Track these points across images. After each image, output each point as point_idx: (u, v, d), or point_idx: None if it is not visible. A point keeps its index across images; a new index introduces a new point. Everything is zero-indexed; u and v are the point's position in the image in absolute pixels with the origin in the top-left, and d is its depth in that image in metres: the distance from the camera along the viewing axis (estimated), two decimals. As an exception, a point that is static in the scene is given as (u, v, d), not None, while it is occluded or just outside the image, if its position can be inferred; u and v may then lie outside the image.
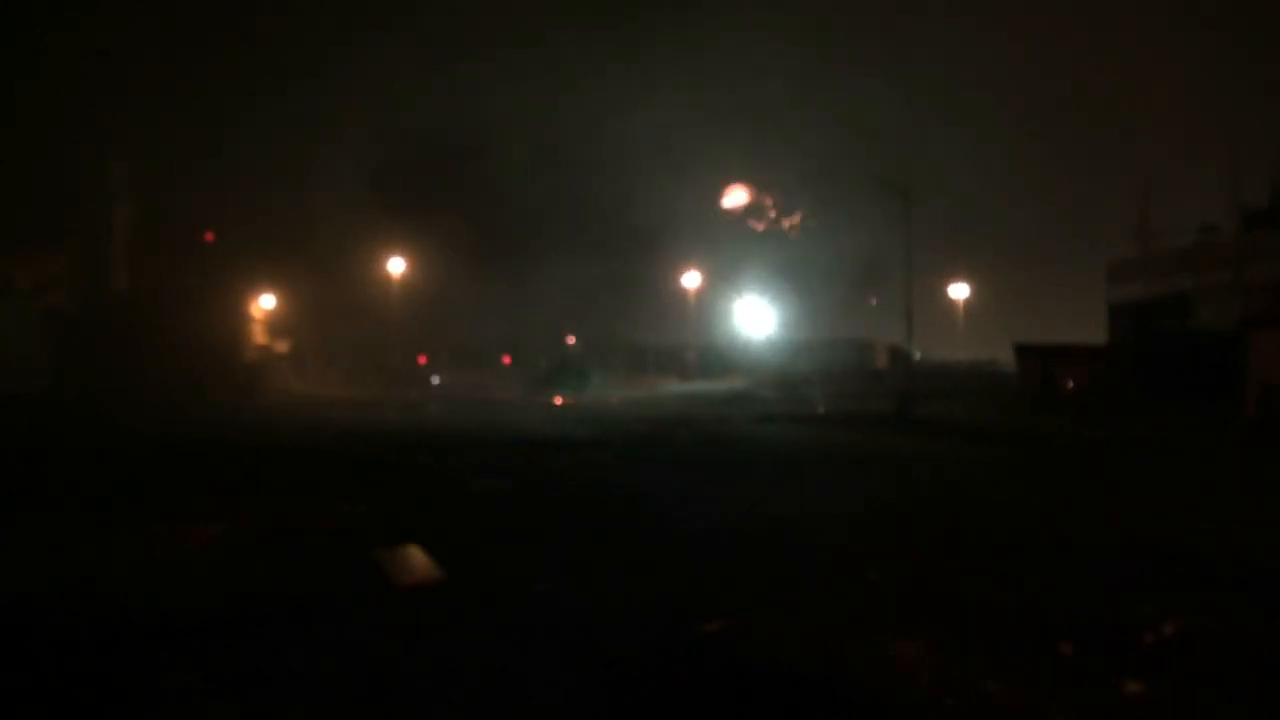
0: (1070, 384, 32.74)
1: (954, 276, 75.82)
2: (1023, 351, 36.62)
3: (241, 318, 51.96)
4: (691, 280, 71.68)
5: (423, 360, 67.80)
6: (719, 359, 68.33)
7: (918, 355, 52.34)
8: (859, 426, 24.96)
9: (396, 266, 63.34)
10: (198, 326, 46.28)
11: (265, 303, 56.52)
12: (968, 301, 76.13)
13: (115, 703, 4.97)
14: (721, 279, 64.22)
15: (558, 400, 38.51)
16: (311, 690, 5.17)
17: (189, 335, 45.32)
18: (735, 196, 61.58)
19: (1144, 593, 7.19)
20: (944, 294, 75.67)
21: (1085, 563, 8.25)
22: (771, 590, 7.28)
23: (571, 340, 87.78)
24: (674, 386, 59.46)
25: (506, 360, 79.87)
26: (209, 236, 53.27)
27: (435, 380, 59.63)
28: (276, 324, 58.02)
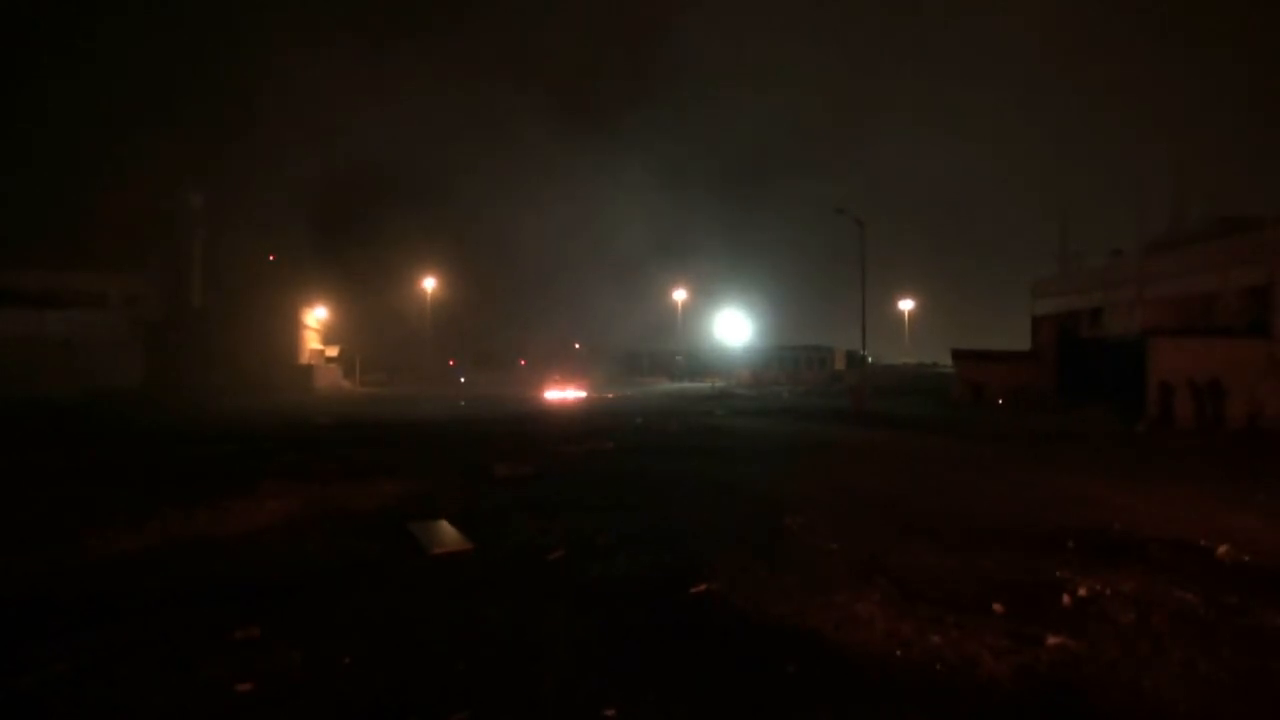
0: (999, 384, 32.84)
1: (901, 292, 76.43)
2: (959, 356, 36.70)
3: (298, 327, 51.93)
4: (679, 295, 71.79)
5: (452, 363, 67.70)
6: (702, 362, 68.51)
7: (870, 359, 52.31)
8: (820, 419, 24.99)
9: (429, 284, 63.42)
10: (261, 334, 46.41)
11: (319, 314, 56.50)
12: (912, 313, 76.69)
13: (194, 653, 4.95)
14: (704, 293, 64.24)
15: (561, 397, 38.46)
16: (360, 640, 5.16)
17: (254, 342, 45.49)
18: None
19: (1063, 559, 7.21)
20: (893, 306, 76.15)
21: (1013, 533, 8.26)
22: (750, 558, 7.28)
23: (578, 346, 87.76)
24: (664, 385, 59.51)
25: (522, 362, 79.77)
26: (271, 257, 53.27)
27: (462, 380, 59.54)
28: (328, 332, 58.03)
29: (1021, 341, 38.85)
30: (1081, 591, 6.18)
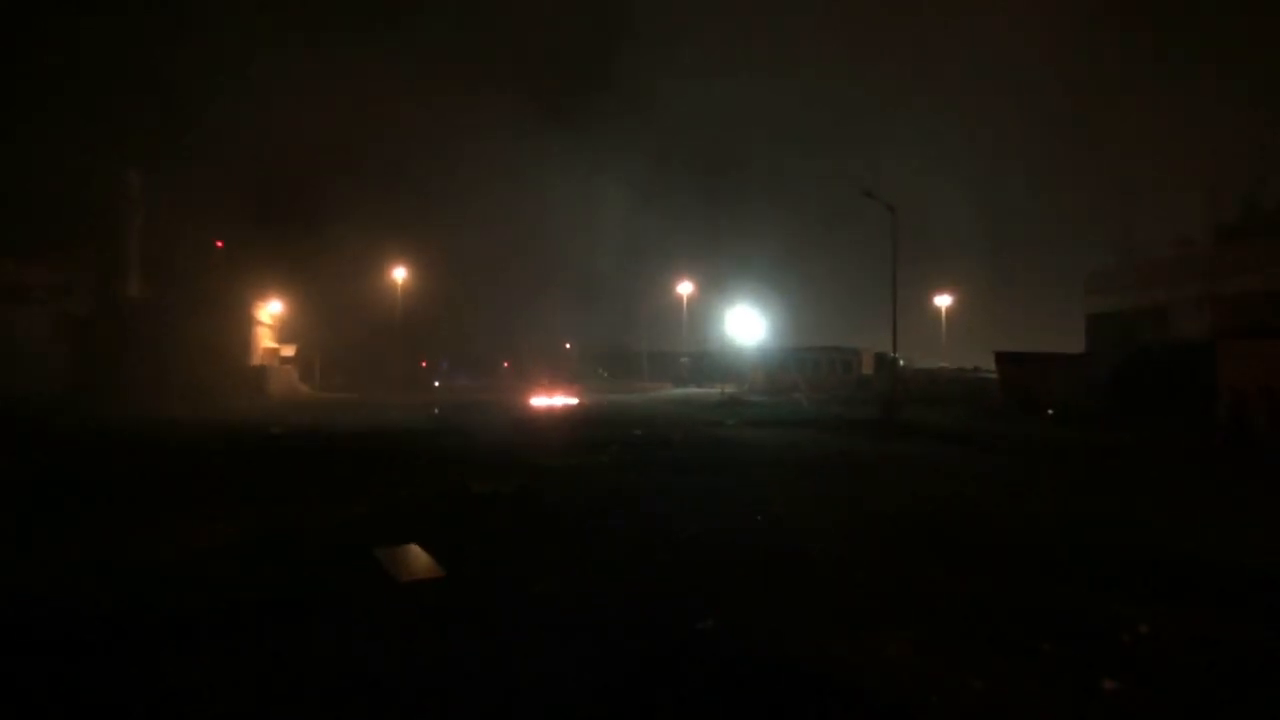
0: (1049, 391, 32.81)
1: (938, 287, 76.17)
2: (1004, 360, 36.66)
3: (249, 323, 51.93)
4: (684, 289, 71.75)
5: (425, 365, 67.73)
6: (711, 365, 68.43)
7: (902, 362, 52.36)
8: (845, 431, 24.96)
9: (400, 275, 63.36)
10: (207, 331, 46.30)
11: (273, 308, 56.44)
12: (950, 310, 76.36)
13: (128, 697, 4.92)
14: (714, 288, 64.26)
15: (550, 404, 38.48)
16: (312, 685, 5.13)
17: (199, 340, 45.38)
18: None
19: (1121, 593, 7.18)
20: (928, 303, 75.92)
21: (1066, 563, 8.24)
22: (764, 589, 7.25)
23: (569, 346, 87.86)
24: (668, 391, 59.50)
25: (506, 365, 79.77)
26: (219, 244, 53.19)
27: (436, 384, 59.53)
28: (284, 329, 57.98)
29: (1074, 344, 38.94)
30: (1142, 628, 6.16)
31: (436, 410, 35.65)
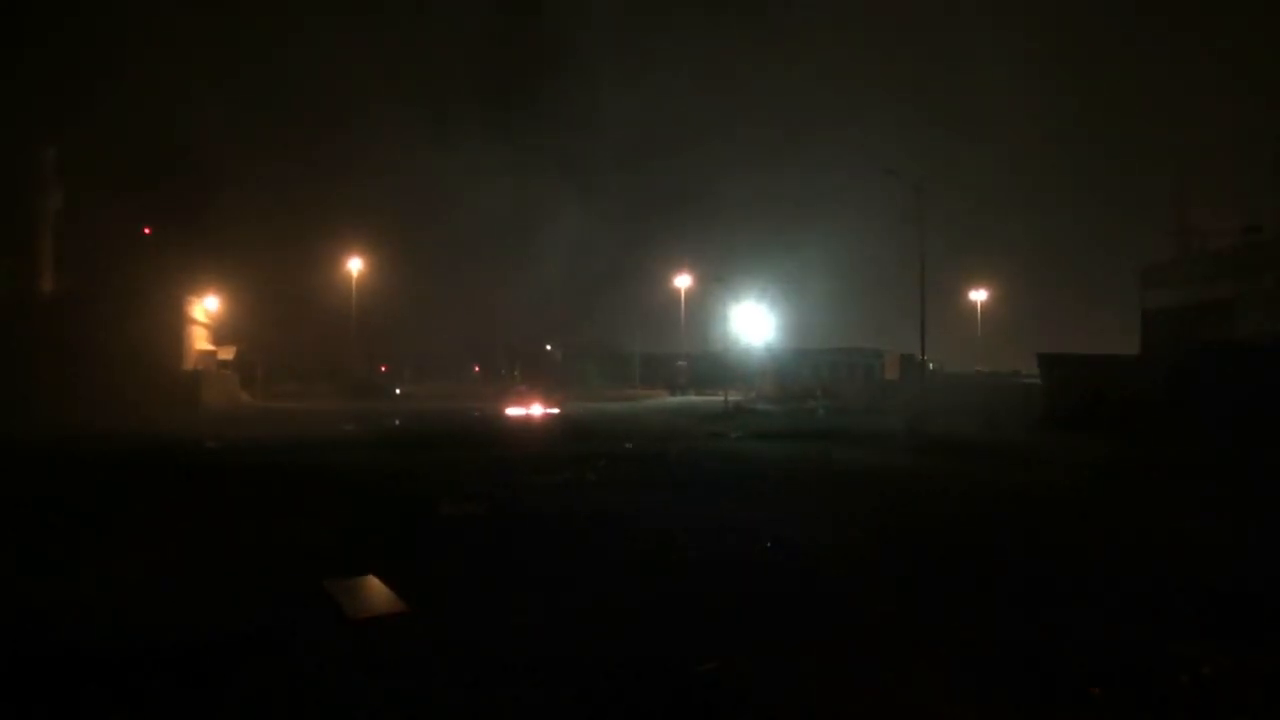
0: (1101, 399, 32.84)
1: (973, 281, 76.14)
2: (1048, 363, 36.66)
3: (181, 321, 51.65)
4: (682, 282, 71.77)
5: (384, 369, 67.65)
6: (713, 369, 68.32)
7: (931, 366, 52.47)
8: (867, 445, 24.97)
9: (355, 266, 63.21)
10: (133, 331, 45.93)
11: (209, 305, 56.22)
12: (986, 306, 76.32)
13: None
14: (716, 281, 64.21)
15: (527, 413, 38.52)
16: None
17: (123, 339, 44.98)
18: None
19: (1180, 626, 7.18)
20: (962, 298, 75.95)
21: (1116, 593, 8.23)
22: (776, 627, 7.22)
23: (549, 348, 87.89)
24: (664, 399, 59.55)
25: (477, 369, 79.77)
26: (147, 230, 52.98)
27: (398, 391, 59.47)
28: (222, 329, 57.73)
29: (1128, 344, 39.05)
30: (1205, 670, 6.15)
31: (398, 421, 35.60)
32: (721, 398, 53.22)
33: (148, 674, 6.07)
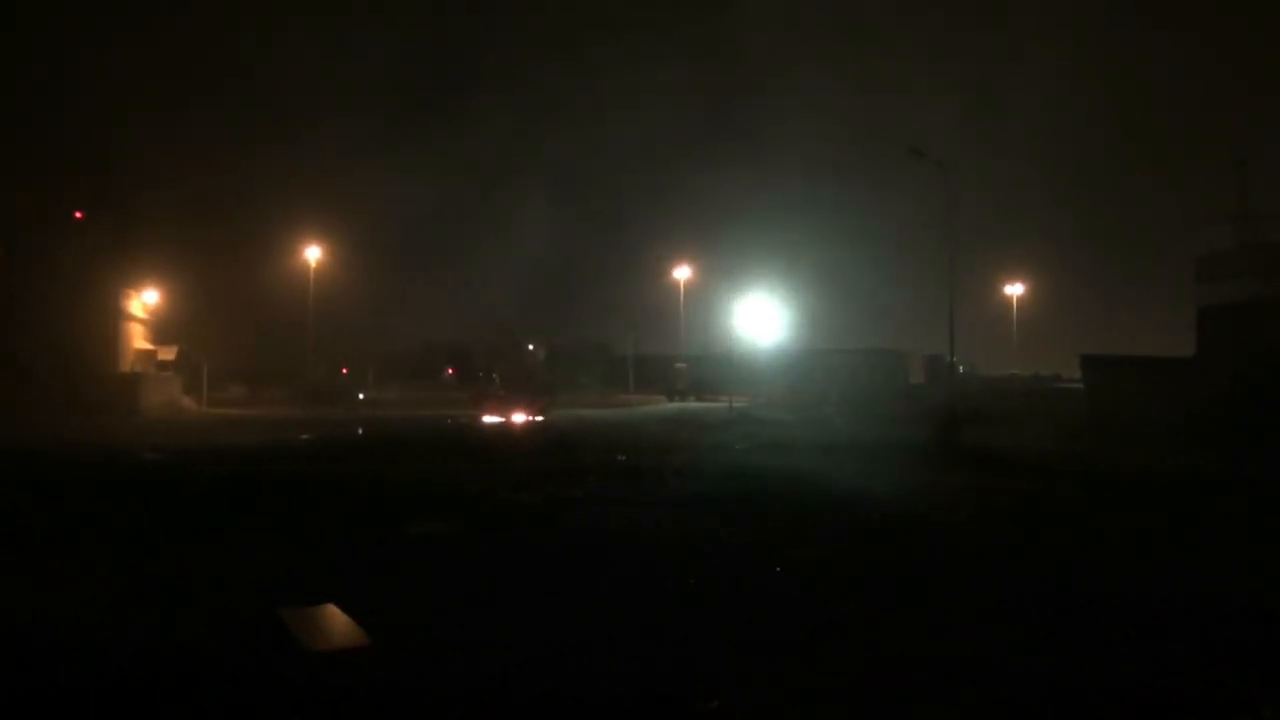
0: (1151, 405, 32.84)
1: (1008, 276, 76.00)
2: (1092, 365, 36.64)
3: (117, 317, 51.51)
4: (681, 274, 71.71)
5: (345, 372, 67.63)
6: (716, 372, 68.24)
7: (961, 368, 52.56)
8: (889, 458, 24.94)
9: (313, 256, 63.11)
10: (60, 327, 45.73)
11: (148, 299, 56.07)
12: (1023, 303, 76.21)
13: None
14: (720, 274, 64.31)
15: (505, 421, 38.58)
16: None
17: (51, 337, 44.79)
18: None
19: (1240, 665, 7.19)
20: (997, 294, 75.81)
21: (1164, 630, 8.24)
22: (782, 662, 7.23)
23: (531, 348, 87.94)
24: (661, 405, 59.51)
25: (450, 372, 79.78)
26: (78, 215, 52.74)
27: (361, 396, 59.46)
28: (163, 326, 57.61)
29: (1181, 345, 39.09)
30: (1268, 715, 6.16)
31: (360, 430, 35.58)
32: (725, 404, 53.25)
33: (75, 718, 6.05)
